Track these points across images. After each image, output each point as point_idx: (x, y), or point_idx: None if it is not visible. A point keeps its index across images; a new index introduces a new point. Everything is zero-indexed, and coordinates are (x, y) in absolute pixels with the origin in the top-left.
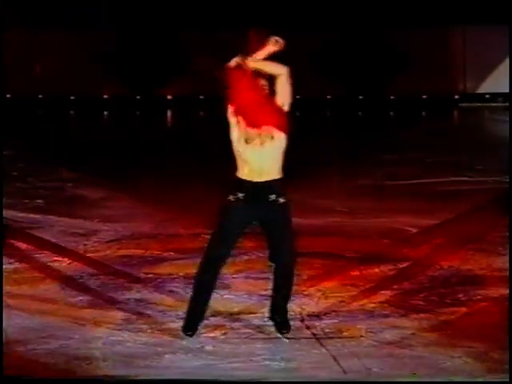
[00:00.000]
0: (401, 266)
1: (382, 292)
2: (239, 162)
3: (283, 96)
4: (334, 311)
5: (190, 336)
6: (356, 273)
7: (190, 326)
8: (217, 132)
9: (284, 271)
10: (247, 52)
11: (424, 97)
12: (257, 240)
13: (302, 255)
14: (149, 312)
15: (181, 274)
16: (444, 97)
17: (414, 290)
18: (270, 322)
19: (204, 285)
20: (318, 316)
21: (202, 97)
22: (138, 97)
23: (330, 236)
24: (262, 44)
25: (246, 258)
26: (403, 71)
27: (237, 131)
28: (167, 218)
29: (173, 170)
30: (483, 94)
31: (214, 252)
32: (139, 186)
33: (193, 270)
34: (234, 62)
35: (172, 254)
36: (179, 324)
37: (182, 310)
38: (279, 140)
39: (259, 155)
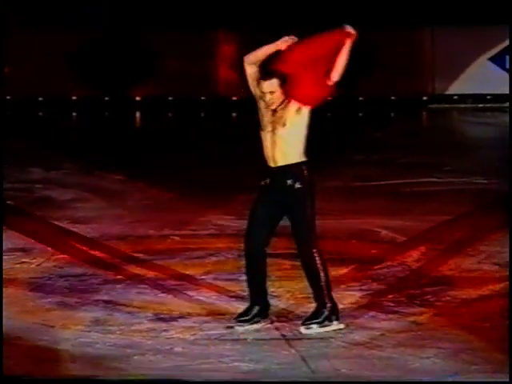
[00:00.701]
0: (370, 266)
1: (351, 293)
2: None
3: (339, 67)
4: (304, 312)
5: (244, 324)
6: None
7: (245, 315)
8: (186, 132)
9: (303, 263)
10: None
11: (393, 98)
12: (226, 241)
13: (272, 256)
14: (118, 313)
15: (150, 275)
16: (413, 98)
17: (383, 290)
18: (239, 324)
19: (251, 273)
20: (287, 317)
21: (170, 98)
22: (106, 98)
23: None
24: None
25: (214, 259)
26: (371, 72)
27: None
28: (136, 219)
29: (142, 170)
30: (452, 96)
31: (250, 239)
32: (108, 187)
33: (162, 272)
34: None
35: (141, 255)
36: (148, 325)
37: (151, 312)
38: (293, 125)
39: (271, 142)
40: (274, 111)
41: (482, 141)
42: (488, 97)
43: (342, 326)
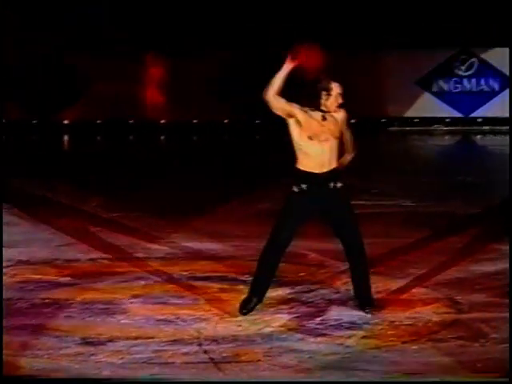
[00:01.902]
0: (298, 289)
1: (280, 316)
2: (300, 156)
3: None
4: (232, 335)
5: (245, 314)
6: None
7: (248, 306)
8: (114, 155)
9: (354, 250)
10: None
11: None
12: (155, 265)
13: (199, 279)
14: (45, 338)
15: (78, 299)
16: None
17: (312, 313)
18: (168, 347)
19: (268, 267)
20: (215, 340)
21: (99, 121)
22: (34, 121)
23: (226, 260)
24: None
25: (143, 282)
26: None
27: (298, 130)
28: (64, 242)
29: (70, 194)
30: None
31: (279, 238)
32: (36, 211)
33: (90, 295)
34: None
35: (69, 279)
36: (76, 349)
37: (79, 336)
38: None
39: (327, 149)
40: (324, 119)
41: (411, 164)
42: (415, 120)
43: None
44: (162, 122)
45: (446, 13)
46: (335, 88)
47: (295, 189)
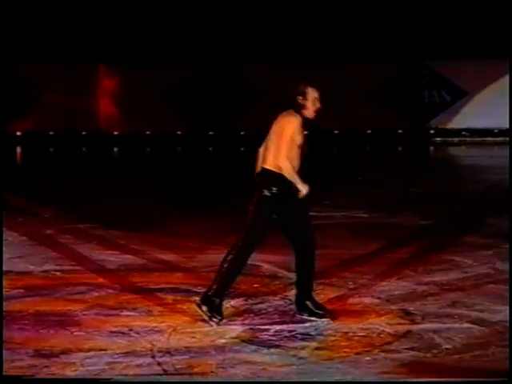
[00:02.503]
0: (251, 301)
1: (233, 327)
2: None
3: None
4: (186, 347)
5: (220, 321)
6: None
7: (218, 310)
8: (66, 167)
9: (307, 248)
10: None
11: None
12: (107, 276)
13: (153, 291)
14: None
15: (31, 311)
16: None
17: (265, 324)
18: (121, 359)
19: (237, 271)
20: (169, 352)
21: (51, 133)
22: None
23: (180, 271)
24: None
25: (96, 294)
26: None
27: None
28: (17, 254)
29: (21, 205)
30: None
31: (253, 243)
32: None
33: (43, 307)
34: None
35: (22, 291)
36: (29, 361)
37: (32, 348)
38: None
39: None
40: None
41: (364, 175)
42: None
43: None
44: (115, 133)
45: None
46: (311, 92)
47: (267, 193)
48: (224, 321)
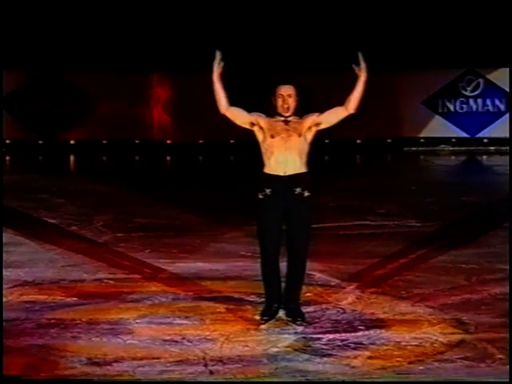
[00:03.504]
0: (304, 309)
1: (286, 336)
2: (266, 158)
3: (356, 99)
4: (238, 356)
5: (266, 321)
6: (259, 317)
7: (270, 313)
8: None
9: (298, 258)
10: None
11: (326, 141)
12: (160, 284)
13: (205, 299)
14: (52, 358)
15: (84, 319)
16: (345, 141)
17: (318, 333)
18: (174, 367)
19: (270, 277)
20: (221, 361)
21: (105, 141)
22: (40, 142)
23: (232, 280)
24: None
25: (149, 302)
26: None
27: (261, 133)
28: (70, 263)
29: (74, 213)
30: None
31: (267, 248)
32: (42, 230)
33: (96, 316)
34: None
35: (75, 299)
36: (81, 369)
37: (85, 356)
38: (306, 138)
39: (285, 148)
40: (287, 122)
41: (418, 184)
42: (421, 140)
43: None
44: (168, 142)
45: (451, 33)
46: (278, 90)
47: (260, 196)
48: (277, 330)
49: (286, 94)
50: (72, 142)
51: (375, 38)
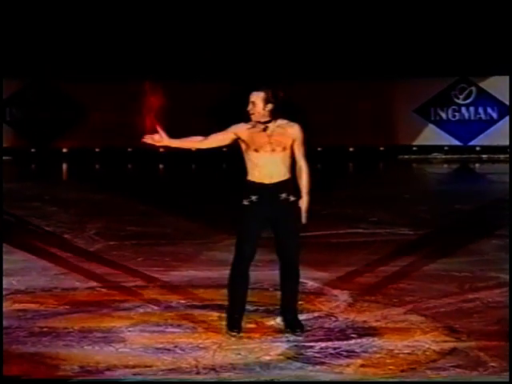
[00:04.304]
0: None
1: (278, 344)
2: (250, 167)
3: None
4: (231, 364)
5: (237, 333)
6: (252, 325)
7: (234, 324)
8: (114, 183)
9: (290, 265)
10: None
11: (319, 149)
12: (153, 293)
13: (198, 307)
14: (44, 366)
15: (76, 327)
16: (338, 149)
17: (310, 341)
18: (165, 376)
19: (238, 284)
20: (214, 369)
21: (97, 149)
22: (33, 150)
23: (225, 288)
24: None
25: (141, 310)
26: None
27: (244, 144)
28: (63, 271)
29: (66, 222)
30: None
31: (242, 252)
32: (34, 239)
33: (88, 324)
34: None
35: (67, 307)
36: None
37: (77, 364)
38: (289, 150)
39: (270, 160)
40: (267, 129)
41: (411, 192)
42: (414, 148)
43: None
44: (161, 150)
45: (444, 42)
46: (251, 97)
47: (245, 202)
48: (269, 338)
49: (251, 101)
50: (65, 150)
51: (368, 47)
